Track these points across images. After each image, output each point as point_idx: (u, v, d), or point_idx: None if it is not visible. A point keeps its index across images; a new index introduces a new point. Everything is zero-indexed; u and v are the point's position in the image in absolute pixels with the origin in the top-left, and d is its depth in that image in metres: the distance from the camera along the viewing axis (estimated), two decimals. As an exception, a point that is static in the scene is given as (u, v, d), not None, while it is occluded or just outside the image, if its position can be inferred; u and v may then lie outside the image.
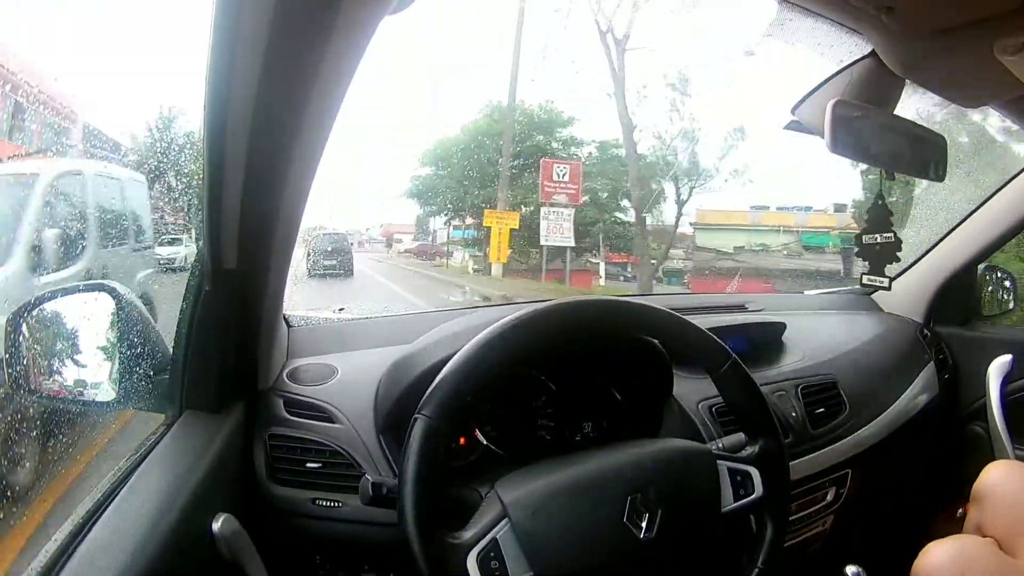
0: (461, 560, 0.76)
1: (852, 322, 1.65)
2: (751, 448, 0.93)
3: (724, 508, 0.88)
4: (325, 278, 9.81)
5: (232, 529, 0.80)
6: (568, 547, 0.79)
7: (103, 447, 1.69)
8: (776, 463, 0.92)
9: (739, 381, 0.93)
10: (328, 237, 11.02)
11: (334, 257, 10.57)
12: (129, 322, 0.91)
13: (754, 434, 0.94)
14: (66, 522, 0.72)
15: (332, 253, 10.56)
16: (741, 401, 0.94)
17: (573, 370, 1.09)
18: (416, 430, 0.79)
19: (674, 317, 0.92)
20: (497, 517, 0.79)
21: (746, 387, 0.93)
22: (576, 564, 0.79)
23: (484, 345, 0.83)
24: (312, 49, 0.56)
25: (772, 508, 0.92)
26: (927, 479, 1.57)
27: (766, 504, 0.91)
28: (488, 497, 0.82)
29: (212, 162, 0.66)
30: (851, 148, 0.83)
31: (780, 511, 0.94)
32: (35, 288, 2.44)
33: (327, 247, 10.55)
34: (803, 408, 1.27)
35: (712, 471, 0.89)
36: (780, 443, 0.94)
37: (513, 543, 0.77)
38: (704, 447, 0.93)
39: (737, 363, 0.92)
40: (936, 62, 0.79)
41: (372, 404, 1.02)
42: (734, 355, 0.93)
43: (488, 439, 1.05)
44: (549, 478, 0.83)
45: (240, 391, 0.97)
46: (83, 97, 3.85)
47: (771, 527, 0.91)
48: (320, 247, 10.33)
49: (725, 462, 0.90)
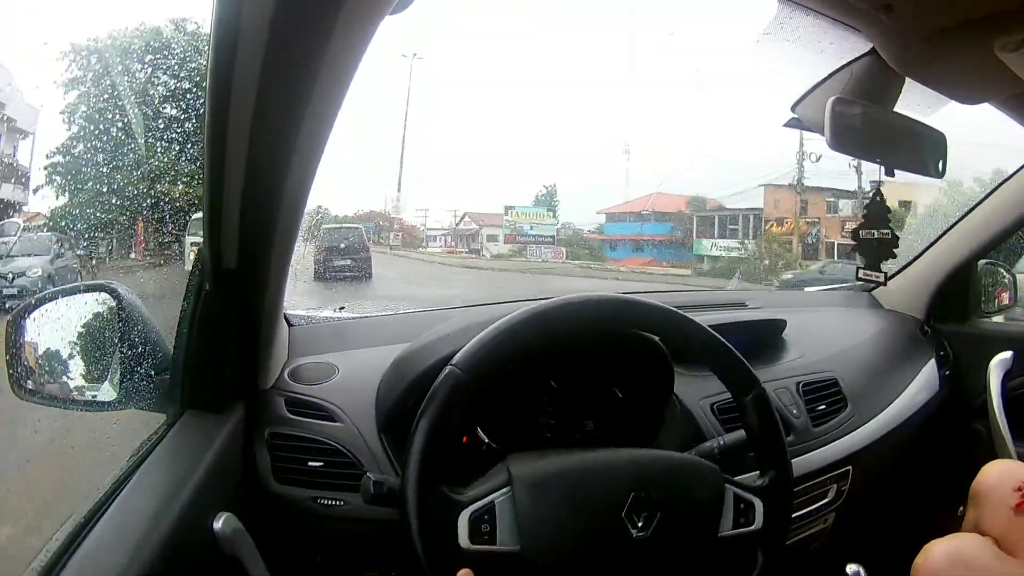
0: (454, 514, 0.78)
1: (852, 319, 1.65)
2: (761, 480, 0.93)
3: (721, 533, 0.88)
4: (335, 281, 8.41)
5: (233, 528, 0.80)
6: (561, 529, 0.80)
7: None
8: (782, 498, 0.93)
9: (763, 411, 0.93)
10: (340, 232, 9.60)
11: (347, 256, 9.09)
12: (130, 322, 0.91)
13: (765, 465, 0.94)
14: (67, 521, 0.72)
15: (346, 251, 9.13)
16: (760, 430, 0.93)
17: (574, 368, 1.10)
18: (445, 380, 0.81)
19: (709, 334, 0.93)
20: (500, 483, 0.81)
21: (768, 418, 0.93)
22: (564, 547, 0.80)
23: (528, 318, 0.85)
24: (312, 49, 0.56)
25: (768, 541, 0.92)
26: (928, 476, 1.57)
27: (763, 537, 0.91)
28: (497, 467, 0.84)
29: (213, 162, 0.66)
30: (851, 145, 0.83)
31: (775, 545, 0.93)
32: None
33: (339, 244, 9.10)
34: (804, 405, 1.27)
35: (717, 491, 0.88)
36: (789, 476, 0.94)
37: (509, 512, 0.79)
38: (716, 469, 0.92)
39: (764, 394, 0.93)
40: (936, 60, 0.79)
41: (373, 403, 1.02)
42: (762, 385, 0.93)
43: (490, 437, 1.05)
44: (559, 460, 0.85)
45: (241, 390, 0.98)
46: None
47: (762, 558, 0.91)
48: (330, 243, 8.82)
49: (732, 488, 0.90)
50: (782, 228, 15.34)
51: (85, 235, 7.07)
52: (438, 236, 19.35)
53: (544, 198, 18.81)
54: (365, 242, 10.10)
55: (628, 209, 18.68)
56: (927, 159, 0.91)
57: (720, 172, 20.67)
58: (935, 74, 0.84)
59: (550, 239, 18.08)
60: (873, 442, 1.33)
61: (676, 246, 17.69)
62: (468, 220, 19.17)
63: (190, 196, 7.39)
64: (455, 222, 19.47)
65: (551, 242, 18.03)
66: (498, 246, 18.28)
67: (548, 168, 27.45)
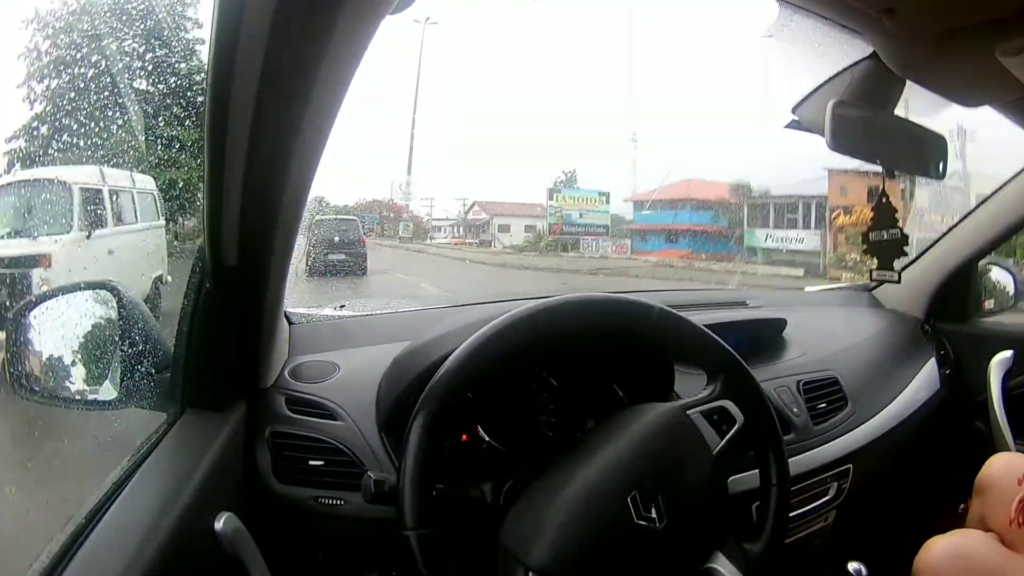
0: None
1: (853, 318, 1.65)
2: (712, 384, 0.94)
3: (715, 451, 0.89)
4: (330, 276, 8.11)
5: (234, 527, 0.80)
6: (596, 567, 0.78)
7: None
8: (746, 388, 0.93)
9: (673, 322, 0.94)
10: (334, 223, 9.17)
11: (342, 250, 8.73)
12: (131, 320, 0.91)
13: (713, 370, 0.95)
14: (68, 521, 0.72)
15: (340, 245, 8.76)
16: (688, 343, 0.95)
17: (574, 366, 1.10)
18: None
19: (669, 313, 0.93)
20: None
21: (683, 327, 0.94)
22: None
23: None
24: (312, 48, 0.56)
25: (761, 432, 0.92)
26: (929, 475, 1.57)
27: (753, 429, 0.92)
28: (502, 558, 0.80)
29: (213, 161, 0.66)
30: (851, 147, 0.83)
31: (770, 432, 0.94)
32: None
33: (333, 236, 8.72)
34: (804, 404, 1.28)
35: (689, 425, 0.90)
36: (742, 369, 0.95)
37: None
38: (672, 405, 0.92)
39: (663, 310, 0.93)
40: (937, 63, 0.79)
41: (374, 401, 1.02)
42: (657, 306, 0.94)
43: (490, 436, 1.05)
44: (550, 510, 0.80)
45: (241, 389, 0.98)
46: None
47: (773, 457, 0.92)
48: (324, 236, 8.48)
49: (695, 409, 0.91)
50: (850, 217, 13.08)
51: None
52: (443, 227, 17.68)
53: (562, 186, 16.84)
54: (360, 234, 9.61)
55: (661, 196, 16.37)
56: (928, 161, 0.91)
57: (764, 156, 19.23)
58: (936, 78, 0.84)
59: (603, 229, 16.12)
60: (873, 441, 1.33)
61: (718, 237, 15.47)
62: (477, 209, 17.53)
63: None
64: (464, 211, 17.70)
65: (604, 232, 16.13)
66: (511, 237, 16.70)
67: (563, 153, 25.40)
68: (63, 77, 9.45)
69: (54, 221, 4.88)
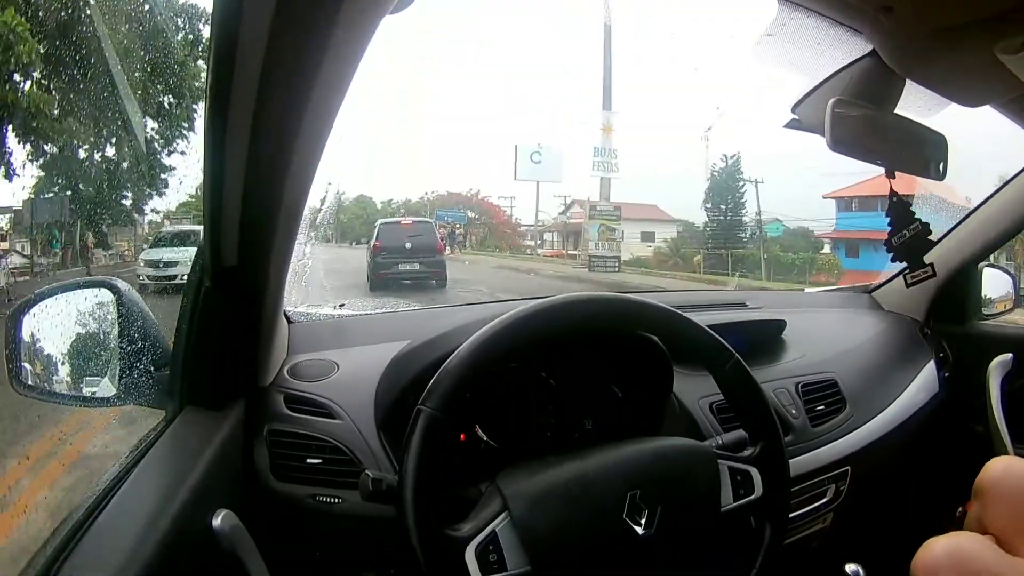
0: (459, 552, 0.77)
1: (852, 320, 1.65)
2: (752, 448, 0.93)
3: (723, 507, 0.89)
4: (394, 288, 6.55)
5: (232, 525, 0.80)
6: (567, 541, 0.80)
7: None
8: (776, 464, 0.93)
9: (741, 379, 0.93)
10: (404, 228, 7.65)
11: (416, 258, 7.32)
12: (130, 318, 0.92)
13: (755, 434, 0.94)
14: (66, 518, 0.72)
15: (413, 253, 7.36)
16: (743, 400, 0.94)
17: (573, 366, 1.10)
18: (418, 423, 0.79)
19: (675, 314, 0.93)
20: (497, 510, 0.80)
21: (748, 386, 0.93)
22: (574, 558, 0.80)
23: (488, 339, 0.84)
24: (312, 48, 0.56)
25: (771, 509, 0.92)
26: (927, 478, 1.57)
27: (765, 505, 0.91)
28: (488, 490, 0.83)
29: (213, 161, 0.66)
30: (851, 147, 0.83)
31: (779, 513, 0.94)
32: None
33: (403, 242, 7.33)
34: (803, 406, 1.28)
35: (712, 470, 0.89)
36: (780, 444, 0.94)
37: (512, 536, 0.78)
38: (705, 446, 0.93)
39: (739, 362, 0.93)
40: (936, 61, 0.79)
41: (372, 400, 1.03)
42: (736, 354, 0.93)
43: (488, 435, 1.05)
44: (550, 472, 0.84)
45: (241, 387, 0.98)
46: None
47: (770, 529, 0.92)
48: (393, 242, 7.19)
49: (726, 461, 0.91)
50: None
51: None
52: (532, 233, 13.59)
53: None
54: (437, 240, 8.16)
55: (861, 192, 12.18)
56: (928, 161, 0.91)
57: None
58: (936, 76, 0.84)
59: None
60: (872, 443, 1.33)
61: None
62: (577, 209, 13.85)
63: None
64: (564, 211, 14.17)
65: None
66: (627, 247, 12.44)
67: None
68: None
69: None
